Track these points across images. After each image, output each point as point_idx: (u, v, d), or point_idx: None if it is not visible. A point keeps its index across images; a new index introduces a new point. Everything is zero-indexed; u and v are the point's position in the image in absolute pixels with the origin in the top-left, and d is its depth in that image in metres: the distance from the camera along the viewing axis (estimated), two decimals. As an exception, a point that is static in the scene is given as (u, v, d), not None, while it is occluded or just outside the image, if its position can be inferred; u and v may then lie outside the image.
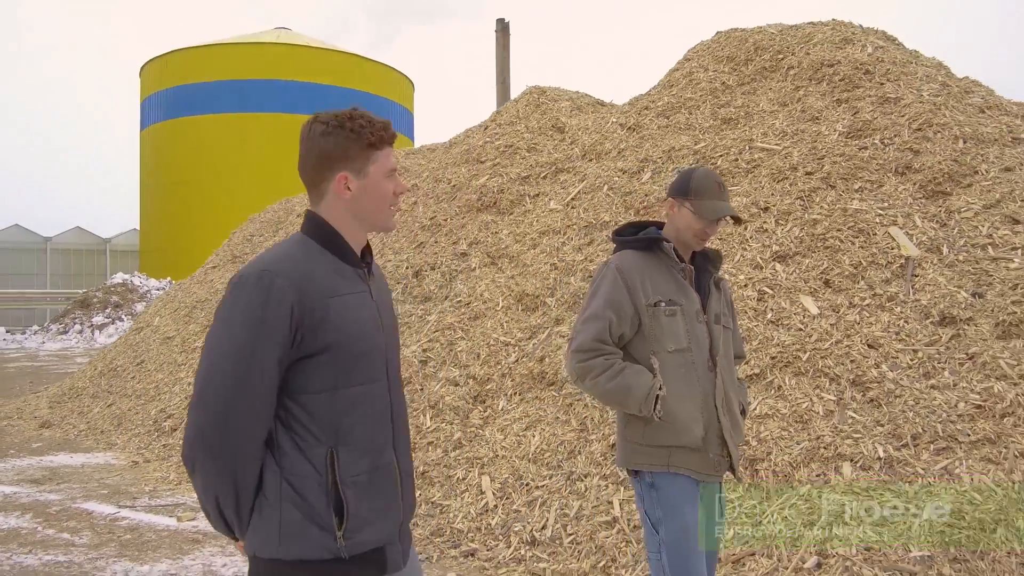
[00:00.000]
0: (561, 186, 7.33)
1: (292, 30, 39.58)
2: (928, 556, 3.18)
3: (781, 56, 6.78)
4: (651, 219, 3.11)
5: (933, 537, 3.23)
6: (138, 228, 39.43)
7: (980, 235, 4.67)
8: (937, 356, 4.05)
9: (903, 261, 4.63)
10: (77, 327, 24.01)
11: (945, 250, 4.63)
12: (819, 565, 3.33)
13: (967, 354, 4.00)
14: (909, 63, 6.22)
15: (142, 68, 36.95)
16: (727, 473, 2.43)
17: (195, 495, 6.29)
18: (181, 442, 1.65)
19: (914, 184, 5.15)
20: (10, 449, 7.99)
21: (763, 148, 5.93)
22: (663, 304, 2.35)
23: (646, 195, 6.32)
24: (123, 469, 7.03)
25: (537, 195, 7.49)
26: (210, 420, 1.59)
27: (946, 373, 3.94)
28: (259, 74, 34.42)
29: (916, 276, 4.52)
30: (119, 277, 27.43)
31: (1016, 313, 4.06)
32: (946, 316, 4.24)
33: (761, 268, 5.01)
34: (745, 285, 4.93)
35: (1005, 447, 3.50)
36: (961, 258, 4.52)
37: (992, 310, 4.15)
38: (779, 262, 5.00)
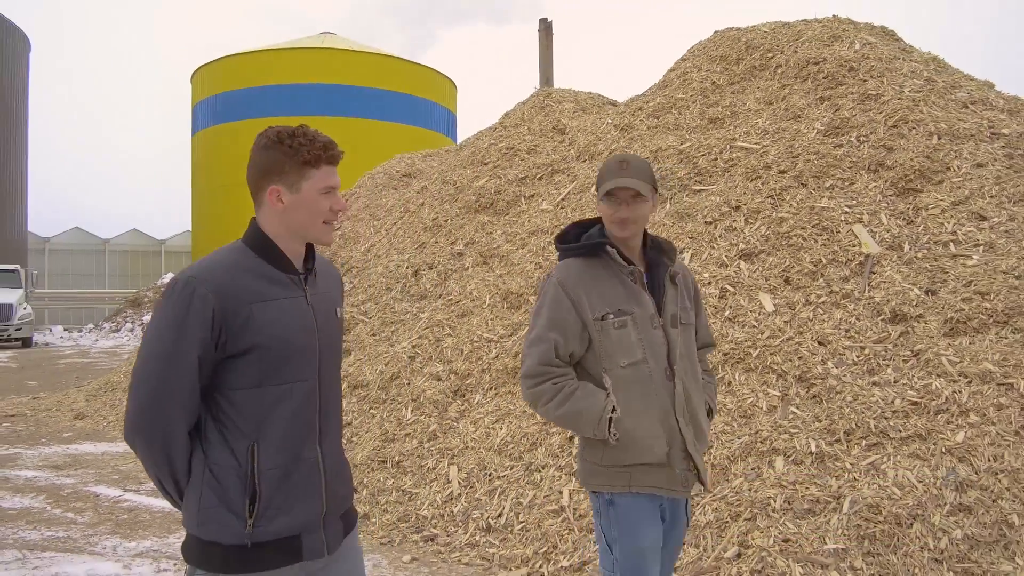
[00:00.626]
0: (555, 187, 7.45)
1: (337, 35, 40.39)
2: (842, 549, 3.22)
3: (771, 55, 6.77)
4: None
5: (849, 531, 3.27)
6: (190, 229, 40.70)
7: (944, 232, 4.64)
8: (883, 353, 4.06)
9: (862, 259, 4.63)
10: (128, 325, 25.04)
11: (906, 247, 4.61)
12: (739, 555, 3.40)
13: (912, 351, 4.00)
14: (896, 59, 6.16)
15: (193, 74, 38.17)
16: (696, 484, 2.30)
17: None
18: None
19: (886, 181, 5.13)
20: (42, 438, 8.47)
21: (743, 147, 5.95)
22: (611, 316, 2.18)
23: (629, 194, 6.39)
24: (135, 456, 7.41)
25: (532, 196, 7.62)
26: (141, 410, 1.75)
27: (889, 370, 3.95)
28: (303, 78, 35.20)
29: (874, 273, 4.51)
30: (168, 277, 28.45)
31: (964, 310, 4.05)
32: (897, 313, 4.24)
33: (726, 266, 5.06)
34: (708, 283, 4.98)
35: (934, 443, 3.50)
36: (920, 255, 4.51)
37: (943, 307, 4.14)
38: (744, 260, 5.04)
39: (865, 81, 5.92)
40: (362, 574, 2.00)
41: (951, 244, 4.54)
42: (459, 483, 4.95)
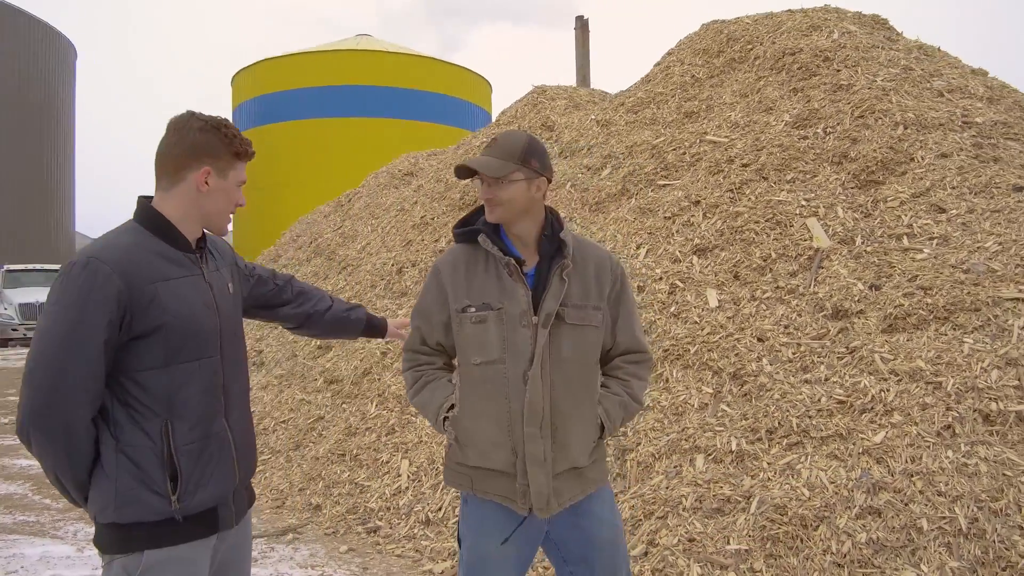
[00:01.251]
0: (536, 182, 7.40)
1: (373, 36, 40.85)
2: (745, 550, 3.12)
3: (750, 46, 6.61)
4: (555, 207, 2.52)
5: (754, 532, 3.17)
6: (231, 229, 41.59)
7: (900, 225, 4.46)
8: (819, 350, 3.92)
9: (812, 253, 4.48)
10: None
11: (858, 241, 4.45)
12: (645, 554, 3.32)
13: (847, 348, 3.85)
14: (875, 48, 5.95)
15: (233, 77, 38.99)
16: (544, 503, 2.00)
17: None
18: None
19: (848, 173, 4.96)
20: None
21: (712, 141, 5.82)
22: (472, 310, 2.03)
23: (600, 190, 6.31)
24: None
25: (515, 192, 7.58)
26: (39, 399, 1.69)
27: (823, 368, 3.82)
28: (339, 80, 35.64)
29: (822, 268, 4.37)
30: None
31: (904, 306, 3.88)
32: (839, 309, 4.09)
33: (679, 261, 4.95)
34: (660, 279, 4.88)
35: (853, 443, 3.37)
36: (870, 249, 4.34)
37: (884, 303, 3.98)
38: (698, 255, 4.93)
39: (839, 71, 5.73)
40: (250, 545, 2.06)
41: (904, 237, 4.37)
42: (408, 477, 4.96)
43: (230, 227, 2.12)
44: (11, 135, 31.37)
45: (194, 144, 1.82)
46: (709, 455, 3.65)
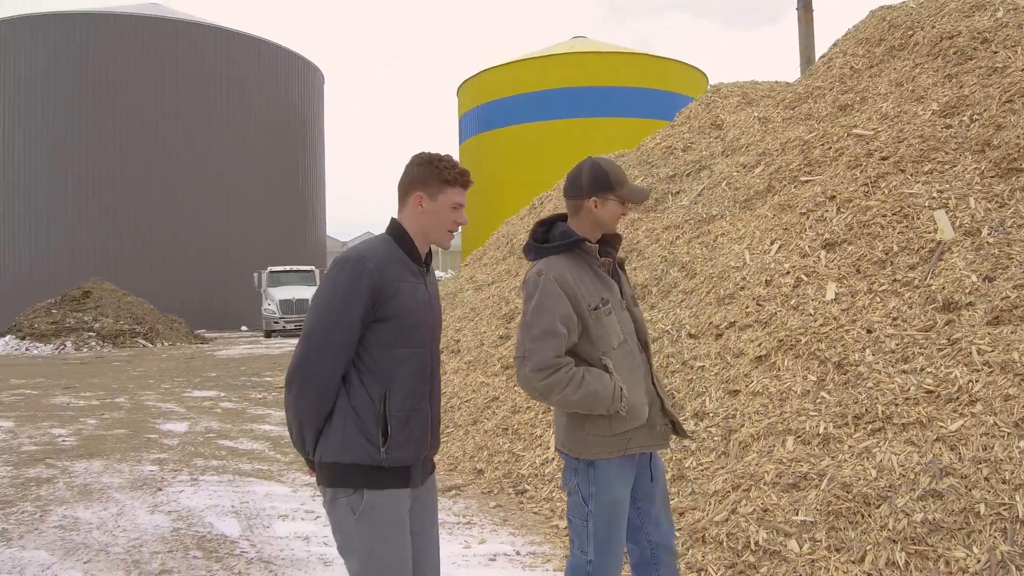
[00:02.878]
0: (697, 182, 7.72)
1: (588, 38, 41.78)
2: (810, 522, 3.44)
3: (911, 33, 6.43)
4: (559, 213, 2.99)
5: (821, 506, 3.47)
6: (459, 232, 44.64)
7: (1035, 215, 4.34)
8: (923, 341, 4.02)
9: (934, 246, 4.50)
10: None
11: (984, 232, 4.39)
12: (726, 520, 3.73)
13: (949, 339, 3.92)
14: (1047, 24, 5.58)
15: (458, 88, 41.90)
16: (673, 436, 2.64)
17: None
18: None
19: (989, 162, 4.83)
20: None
21: (858, 134, 5.85)
22: (601, 305, 2.45)
23: (749, 188, 6.55)
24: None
25: (678, 192, 7.95)
26: (310, 353, 2.18)
27: (921, 359, 3.93)
28: (555, 84, 36.93)
29: (941, 261, 4.39)
30: (441, 274, 31.98)
31: (1010, 298, 3.85)
32: (949, 301, 4.13)
33: (807, 256, 5.14)
34: (787, 273, 5.12)
35: (931, 431, 3.51)
36: (992, 240, 4.28)
37: (993, 295, 3.97)
38: (826, 250, 5.09)
39: (995, 53, 5.48)
40: (435, 502, 2.45)
41: (1036, 228, 4.25)
42: (554, 449, 5.66)
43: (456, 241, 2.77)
44: (271, 155, 36.57)
45: (412, 176, 2.30)
46: (799, 437, 3.95)
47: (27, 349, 20.41)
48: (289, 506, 5.30)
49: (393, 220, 2.35)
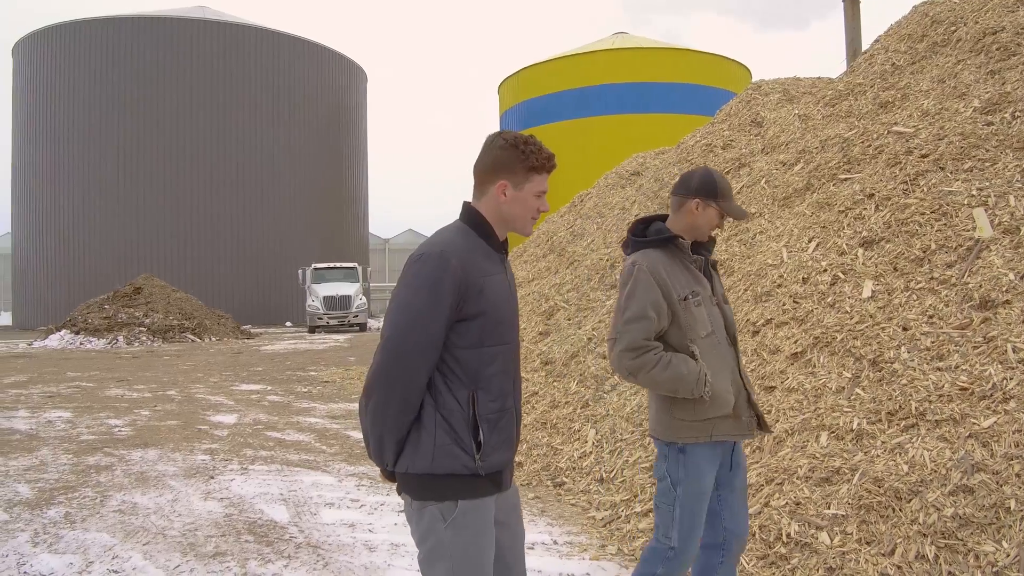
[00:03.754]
0: (736, 180, 7.74)
1: (629, 34, 41.58)
2: (842, 515, 3.50)
3: (953, 28, 6.38)
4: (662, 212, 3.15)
5: (852, 500, 3.52)
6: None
7: (1077, 213, 4.31)
8: (958, 339, 4.03)
9: (971, 243, 4.50)
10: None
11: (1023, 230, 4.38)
12: (759, 512, 3.81)
13: (984, 337, 3.93)
14: (1095, 19, 5.50)
15: (499, 86, 42.06)
16: (756, 429, 2.76)
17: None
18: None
19: (1032, 160, 4.80)
20: (336, 397, 10.90)
21: (898, 132, 5.84)
22: (691, 296, 2.61)
23: (788, 186, 6.56)
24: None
25: (716, 189, 7.97)
26: (392, 359, 2.00)
27: (956, 356, 3.94)
28: (595, 80, 36.85)
29: (979, 259, 4.39)
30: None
31: (1047, 296, 3.85)
32: (986, 299, 4.13)
33: (845, 254, 5.16)
34: (824, 271, 5.15)
35: (964, 427, 3.54)
36: (1032, 239, 4.27)
37: (1031, 293, 3.97)
38: (864, 248, 5.11)
39: (1041, 49, 5.42)
40: (518, 494, 2.35)
41: (1078, 226, 4.23)
42: (592, 443, 5.78)
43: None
44: (316, 154, 37.29)
45: (495, 160, 2.10)
46: (833, 433, 4.00)
47: (81, 343, 21.18)
48: (335, 495, 5.51)
49: (469, 207, 2.16)
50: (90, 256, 33.50)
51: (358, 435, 7.91)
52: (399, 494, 2.14)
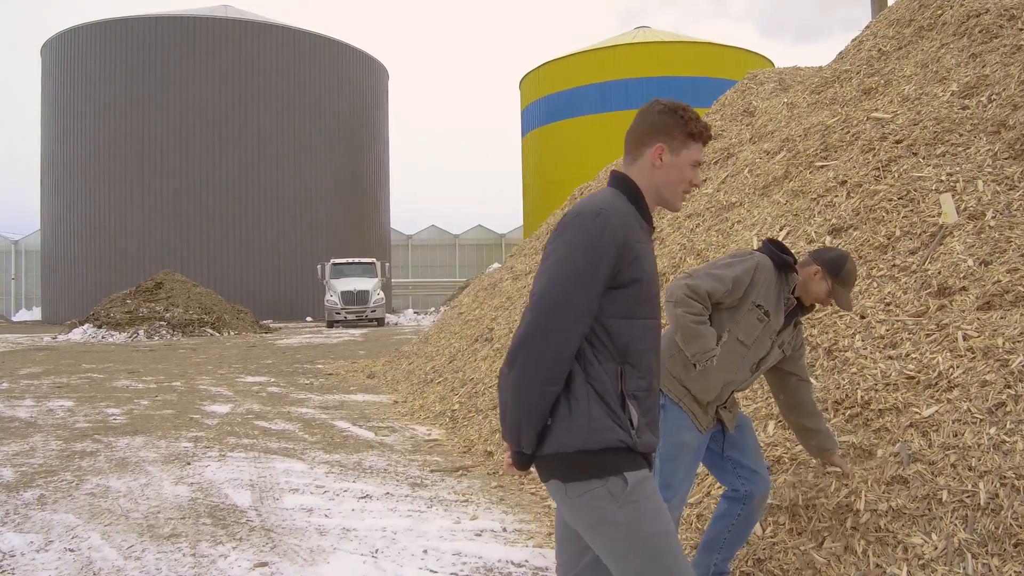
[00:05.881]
0: (722, 169, 7.63)
1: (651, 28, 41.26)
2: (776, 505, 3.42)
3: (940, 12, 6.20)
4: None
5: (787, 490, 3.45)
6: (522, 224, 44.81)
7: (1043, 198, 4.17)
8: (912, 327, 3.92)
9: (935, 230, 4.37)
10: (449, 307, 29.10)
11: (989, 215, 4.24)
12: (700, 501, 3.75)
13: (938, 325, 3.82)
14: (1079, -1, 5.31)
15: (521, 81, 41.99)
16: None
17: (401, 421, 8.35)
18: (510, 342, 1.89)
19: (1004, 143, 4.65)
20: (334, 389, 10.97)
21: (876, 118, 5.70)
22: (760, 309, 2.88)
23: (768, 174, 6.45)
24: (385, 405, 9.34)
25: (705, 180, 7.87)
26: (544, 321, 1.82)
27: (908, 344, 3.84)
28: (617, 75, 36.63)
29: (941, 245, 4.26)
30: (495, 267, 32.23)
31: (1002, 282, 3.72)
32: (944, 286, 4.01)
33: (814, 242, 5.06)
34: (791, 259, 5.05)
35: (904, 417, 3.44)
36: (994, 224, 4.13)
37: (986, 279, 3.84)
38: (832, 236, 5.00)
39: (1022, 30, 5.25)
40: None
41: (1042, 211, 4.09)
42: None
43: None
44: (338, 151, 37.58)
45: (652, 124, 2.00)
46: (780, 422, 3.93)
47: (103, 337, 21.62)
48: (302, 481, 5.54)
49: (620, 175, 2.03)
50: (116, 252, 34.16)
51: (343, 424, 7.96)
52: (543, 482, 1.94)
